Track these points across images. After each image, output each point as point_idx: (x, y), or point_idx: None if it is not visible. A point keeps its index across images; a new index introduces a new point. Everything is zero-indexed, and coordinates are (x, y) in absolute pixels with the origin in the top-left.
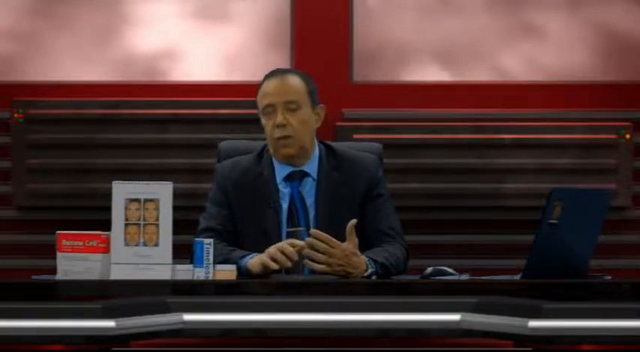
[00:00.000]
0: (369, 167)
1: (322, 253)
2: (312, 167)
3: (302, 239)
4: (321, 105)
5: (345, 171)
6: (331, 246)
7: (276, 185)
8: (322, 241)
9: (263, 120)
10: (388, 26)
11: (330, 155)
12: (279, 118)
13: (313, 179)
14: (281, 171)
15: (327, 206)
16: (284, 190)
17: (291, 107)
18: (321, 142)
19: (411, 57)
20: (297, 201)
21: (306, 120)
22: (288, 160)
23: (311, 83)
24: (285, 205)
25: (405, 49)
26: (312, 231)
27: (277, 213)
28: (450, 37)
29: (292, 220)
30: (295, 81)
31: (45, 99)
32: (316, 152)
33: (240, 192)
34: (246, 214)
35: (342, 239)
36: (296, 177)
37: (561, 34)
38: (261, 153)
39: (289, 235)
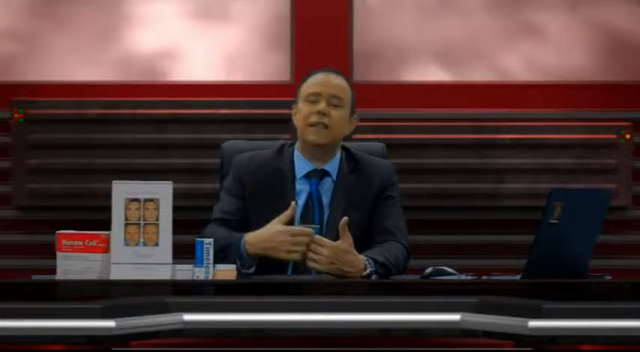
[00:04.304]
0: (383, 172)
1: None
2: (332, 167)
3: None
4: (357, 116)
5: (362, 175)
6: (320, 245)
7: (294, 182)
8: (314, 242)
9: (301, 106)
10: (388, 26)
11: (349, 158)
12: (322, 106)
13: (332, 180)
14: (301, 168)
15: (342, 208)
16: (301, 187)
17: (335, 102)
18: (341, 146)
19: (411, 57)
20: (314, 199)
21: (345, 120)
22: (312, 150)
23: (353, 93)
24: (300, 202)
25: (405, 49)
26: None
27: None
28: (450, 37)
29: (307, 217)
30: (344, 83)
31: (45, 99)
32: (338, 154)
33: (256, 185)
34: (260, 208)
35: (355, 241)
36: (317, 176)
37: (561, 34)
38: (281, 149)
39: None
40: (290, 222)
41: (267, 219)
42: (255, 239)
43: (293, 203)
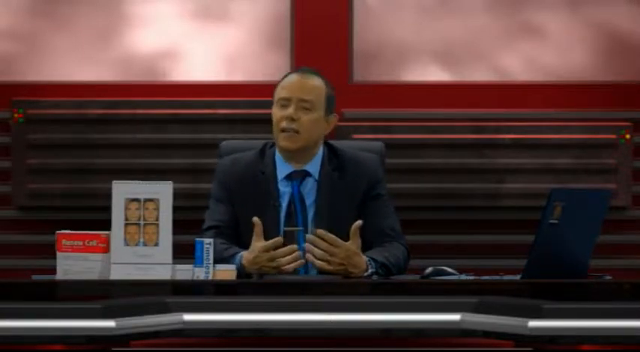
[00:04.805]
0: (369, 167)
1: (325, 251)
2: (314, 167)
3: (299, 239)
4: (335, 114)
5: (346, 171)
6: (335, 246)
7: (276, 184)
8: (326, 241)
9: (274, 110)
10: (388, 26)
11: (332, 155)
12: (291, 111)
13: (314, 179)
14: (283, 170)
15: (327, 206)
16: (284, 189)
17: (305, 106)
18: (324, 142)
19: (411, 57)
20: (296, 200)
21: (317, 122)
22: (287, 154)
23: (331, 91)
24: (284, 204)
25: (405, 49)
26: (319, 231)
27: (276, 211)
28: (450, 37)
29: (290, 219)
30: (317, 83)
31: (45, 99)
32: (319, 153)
33: (241, 189)
34: (247, 211)
35: (342, 239)
36: (298, 177)
37: (561, 34)
38: (263, 150)
39: (286, 234)
40: (275, 225)
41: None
42: (247, 260)
43: (256, 219)
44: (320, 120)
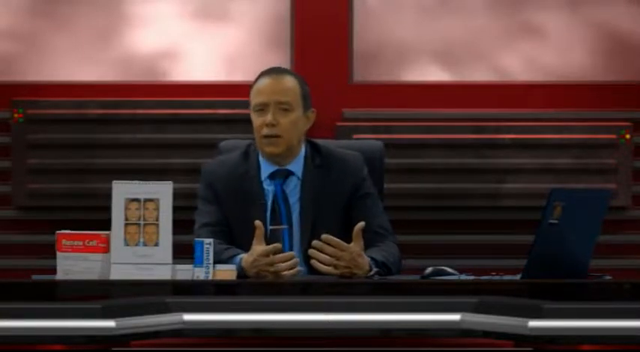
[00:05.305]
0: (354, 167)
1: (331, 256)
2: (297, 166)
3: (284, 237)
4: (313, 109)
5: (330, 170)
6: (341, 250)
7: (260, 183)
8: (332, 245)
9: (253, 116)
10: (388, 26)
11: (315, 154)
12: (270, 117)
13: (298, 178)
14: (266, 169)
15: (311, 205)
16: (268, 188)
17: (284, 107)
18: (307, 141)
19: (411, 57)
20: (280, 199)
21: (296, 122)
22: (272, 158)
23: (305, 86)
24: (268, 202)
25: (405, 49)
26: (324, 236)
27: (262, 210)
28: (450, 37)
29: (275, 218)
30: (290, 83)
31: (45, 99)
32: (302, 152)
33: (227, 190)
34: (234, 211)
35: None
36: (281, 176)
37: (561, 34)
38: (247, 151)
39: (271, 233)
40: (261, 220)
41: (242, 222)
42: (246, 263)
43: (258, 222)
44: (300, 119)
